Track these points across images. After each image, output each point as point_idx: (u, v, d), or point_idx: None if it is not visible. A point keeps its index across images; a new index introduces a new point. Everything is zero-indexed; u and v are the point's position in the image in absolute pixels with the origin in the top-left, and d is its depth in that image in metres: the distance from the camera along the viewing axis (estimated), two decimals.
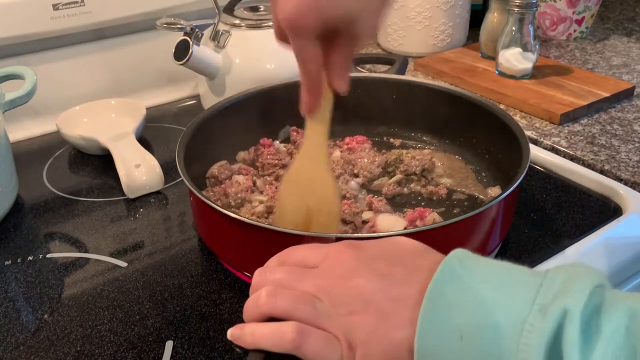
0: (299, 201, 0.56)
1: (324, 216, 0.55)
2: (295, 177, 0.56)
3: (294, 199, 0.56)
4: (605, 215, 0.68)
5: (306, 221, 0.55)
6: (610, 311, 0.34)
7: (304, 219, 0.55)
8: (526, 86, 0.96)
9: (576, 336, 0.32)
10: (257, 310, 0.43)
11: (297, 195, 0.56)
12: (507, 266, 0.38)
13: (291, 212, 0.56)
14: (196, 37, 0.81)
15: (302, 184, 0.56)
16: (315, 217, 0.55)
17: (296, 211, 0.56)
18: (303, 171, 0.55)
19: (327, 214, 0.55)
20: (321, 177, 0.55)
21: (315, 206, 0.55)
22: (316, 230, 0.55)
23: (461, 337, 0.35)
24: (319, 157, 0.54)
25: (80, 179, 0.81)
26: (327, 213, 0.55)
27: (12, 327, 0.56)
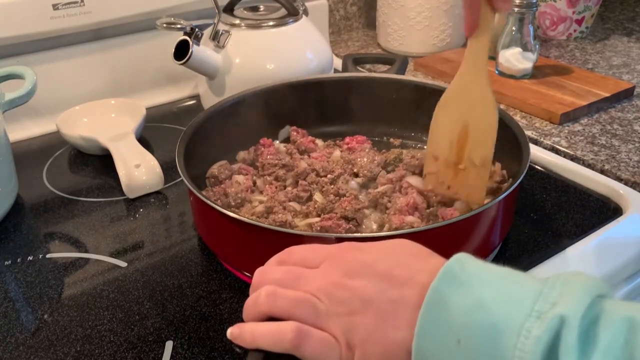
0: (456, 119, 0.59)
1: (482, 130, 0.58)
2: (453, 95, 0.59)
3: (452, 116, 0.59)
4: (605, 215, 0.68)
5: (462, 137, 0.59)
6: (608, 321, 0.33)
7: (460, 135, 0.59)
8: (526, 86, 0.96)
9: (573, 345, 0.32)
10: (256, 309, 0.43)
11: (455, 112, 0.59)
12: (508, 272, 0.38)
13: (447, 130, 0.59)
14: (196, 37, 0.81)
15: (461, 102, 0.58)
16: (473, 132, 0.58)
17: (453, 128, 0.59)
18: (462, 89, 0.58)
19: (487, 128, 0.58)
20: (481, 95, 0.57)
21: (474, 121, 0.58)
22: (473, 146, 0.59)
23: (458, 341, 0.35)
24: (478, 74, 0.57)
25: (80, 179, 0.81)
26: (487, 128, 0.58)
27: (12, 327, 0.56)
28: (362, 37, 1.27)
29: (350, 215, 0.63)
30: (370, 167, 0.71)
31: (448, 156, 0.61)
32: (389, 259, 0.42)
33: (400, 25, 1.12)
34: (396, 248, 0.44)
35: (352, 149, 0.77)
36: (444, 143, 0.61)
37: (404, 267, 0.41)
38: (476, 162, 0.60)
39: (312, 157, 0.76)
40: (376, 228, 0.63)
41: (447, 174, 0.62)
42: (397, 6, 1.11)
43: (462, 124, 0.59)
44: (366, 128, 0.81)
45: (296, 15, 0.88)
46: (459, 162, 0.60)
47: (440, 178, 0.62)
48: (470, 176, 0.60)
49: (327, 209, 0.65)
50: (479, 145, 0.59)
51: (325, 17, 1.19)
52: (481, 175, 0.61)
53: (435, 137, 0.62)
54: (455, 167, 0.60)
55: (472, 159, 0.60)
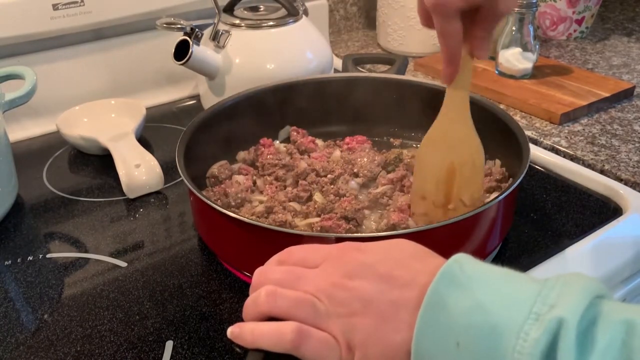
0: (441, 158, 0.59)
1: (469, 169, 0.58)
2: (438, 136, 0.59)
3: (436, 157, 0.59)
4: (605, 215, 0.68)
5: (449, 177, 0.59)
6: (606, 323, 0.33)
7: (446, 175, 0.59)
8: (526, 86, 0.96)
9: (571, 347, 0.32)
10: (256, 309, 0.43)
11: (439, 153, 0.59)
12: (507, 273, 0.38)
13: (433, 170, 0.59)
14: (196, 37, 0.81)
15: (445, 142, 0.58)
16: (459, 172, 0.58)
17: (439, 168, 0.59)
18: (445, 131, 0.58)
19: (472, 167, 0.58)
20: (465, 134, 0.58)
21: (459, 160, 0.58)
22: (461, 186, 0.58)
23: (457, 344, 0.35)
24: (461, 117, 0.58)
25: (80, 179, 0.81)
26: (472, 166, 0.58)
27: (12, 327, 0.56)
28: (362, 37, 1.27)
29: (350, 215, 0.63)
30: (370, 167, 0.71)
31: (436, 196, 0.60)
32: (389, 260, 0.42)
33: (400, 25, 1.12)
34: (396, 249, 0.44)
35: (352, 149, 0.77)
36: (430, 183, 0.60)
37: (404, 268, 0.41)
38: (466, 202, 0.59)
39: (312, 157, 0.76)
40: (376, 228, 0.63)
41: (437, 213, 0.61)
42: (397, 6, 1.11)
43: (448, 164, 0.59)
44: (366, 128, 0.81)
45: (296, 15, 0.88)
46: (447, 202, 0.60)
47: (430, 218, 0.61)
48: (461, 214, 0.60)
49: (327, 209, 0.65)
50: (467, 185, 0.59)
51: (325, 17, 1.19)
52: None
53: (422, 178, 0.61)
54: (445, 207, 0.60)
55: (462, 199, 0.59)
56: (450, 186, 0.59)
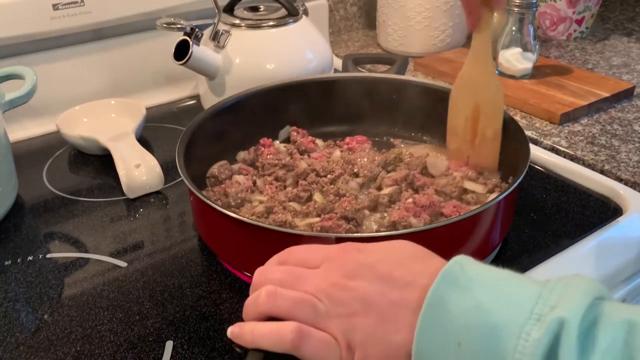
0: (468, 99, 0.69)
1: (490, 109, 0.68)
2: (465, 78, 0.69)
3: (465, 97, 0.69)
4: (605, 215, 0.68)
5: (474, 114, 0.69)
6: (607, 323, 0.33)
7: (472, 113, 0.69)
8: (526, 86, 0.96)
9: (572, 347, 0.32)
10: (256, 309, 0.43)
11: (467, 93, 0.69)
12: (508, 274, 0.38)
13: (462, 108, 0.70)
14: (196, 37, 0.81)
15: (471, 85, 0.68)
16: (483, 110, 0.68)
17: (467, 107, 0.69)
18: (471, 77, 0.68)
19: (493, 106, 0.67)
20: (488, 77, 0.67)
21: (483, 100, 0.68)
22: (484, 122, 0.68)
23: (458, 344, 0.35)
24: (484, 60, 0.67)
25: (80, 179, 0.81)
26: (493, 106, 0.67)
27: (12, 327, 0.56)
28: (362, 37, 1.27)
29: (350, 215, 0.63)
30: (370, 167, 0.71)
31: (464, 130, 0.70)
32: (389, 261, 0.42)
33: (400, 25, 1.12)
34: (397, 249, 0.44)
35: (352, 149, 0.77)
36: (460, 119, 0.70)
37: (405, 269, 0.41)
38: (489, 135, 0.68)
39: (312, 157, 0.76)
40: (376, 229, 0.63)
41: (466, 146, 0.71)
42: (397, 6, 1.11)
43: (474, 104, 0.68)
44: (366, 128, 0.81)
45: (296, 15, 0.88)
46: (474, 137, 0.70)
47: (460, 152, 0.72)
48: (485, 148, 0.69)
49: (327, 209, 0.64)
50: (489, 121, 0.68)
51: (325, 17, 1.19)
52: (494, 146, 0.69)
53: (454, 114, 0.71)
54: (472, 142, 0.70)
55: (485, 133, 0.68)
56: (476, 122, 0.69)
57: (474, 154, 0.71)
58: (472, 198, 0.67)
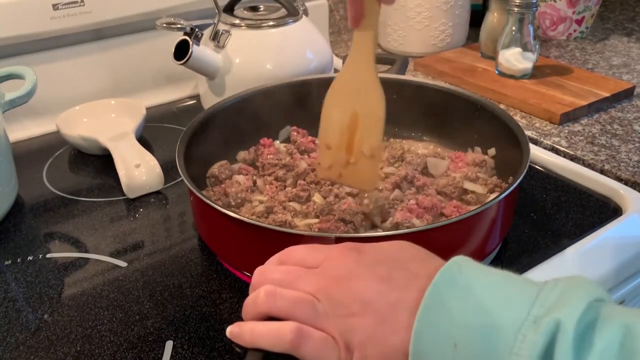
0: (345, 107, 0.59)
1: (371, 120, 0.58)
2: (343, 84, 0.59)
3: (341, 106, 0.60)
4: (605, 215, 0.68)
5: (352, 126, 0.59)
6: (604, 326, 0.33)
7: (350, 123, 0.59)
8: (526, 86, 0.96)
9: (568, 349, 0.32)
10: (256, 309, 0.43)
11: (343, 101, 0.59)
12: (506, 275, 0.38)
13: (337, 118, 0.60)
14: (196, 37, 0.81)
15: (349, 90, 0.59)
16: (362, 121, 0.59)
17: (343, 117, 0.59)
18: (350, 79, 0.59)
19: (375, 118, 0.58)
20: (369, 83, 0.58)
21: (362, 110, 0.58)
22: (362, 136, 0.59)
23: (455, 345, 0.35)
24: (366, 64, 0.58)
25: (80, 179, 0.81)
26: (375, 117, 0.58)
27: (12, 327, 0.56)
28: None
29: (348, 218, 0.63)
30: None
31: (339, 144, 0.60)
32: (388, 261, 0.42)
33: (400, 25, 1.12)
34: (396, 250, 0.44)
35: None
36: (334, 131, 0.60)
37: (404, 270, 0.41)
38: (365, 152, 0.60)
39: (312, 157, 0.76)
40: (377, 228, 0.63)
41: (340, 166, 0.62)
42: (397, 6, 1.11)
43: (351, 112, 0.59)
44: None
45: (296, 15, 0.88)
46: (349, 153, 0.60)
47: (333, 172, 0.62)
48: (361, 167, 0.60)
49: (327, 210, 0.64)
50: (367, 135, 0.59)
51: (325, 17, 1.19)
52: (371, 165, 0.60)
53: (327, 125, 0.61)
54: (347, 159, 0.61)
55: (362, 149, 0.60)
56: (353, 134, 0.59)
57: (347, 173, 0.62)
58: (472, 198, 0.67)
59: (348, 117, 0.59)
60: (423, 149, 0.78)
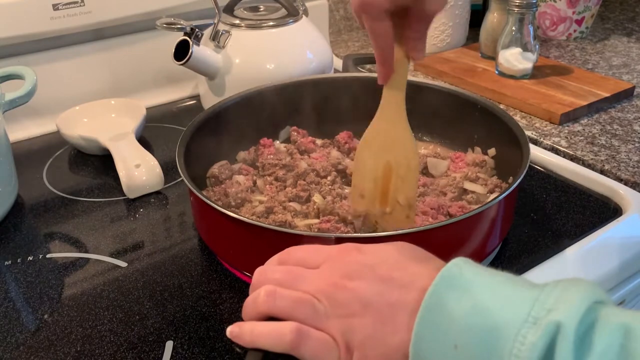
0: (378, 157, 0.60)
1: (404, 169, 0.59)
2: (374, 137, 0.60)
3: (374, 155, 0.60)
4: (605, 215, 0.68)
5: (385, 175, 0.60)
6: (604, 328, 0.33)
7: (383, 173, 0.60)
8: (526, 86, 0.96)
9: (568, 351, 0.32)
10: (255, 309, 0.43)
11: (376, 152, 0.60)
12: (506, 277, 0.38)
13: (371, 168, 0.60)
14: (196, 37, 0.81)
15: (382, 143, 0.59)
16: (395, 170, 0.59)
17: (376, 166, 0.60)
18: (382, 132, 0.59)
19: (407, 167, 0.59)
20: (402, 135, 0.59)
21: (395, 160, 0.59)
22: (397, 186, 0.59)
23: (455, 346, 0.35)
24: (397, 118, 0.58)
25: (80, 179, 0.81)
26: (407, 166, 0.59)
27: (12, 327, 0.56)
28: (362, 37, 1.27)
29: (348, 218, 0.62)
30: None
31: (373, 193, 0.61)
32: (389, 262, 0.42)
33: None
34: (396, 251, 0.44)
35: (353, 148, 0.77)
36: (368, 181, 0.61)
37: (404, 270, 0.41)
38: (400, 201, 0.60)
39: (313, 157, 0.76)
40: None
41: (375, 212, 0.62)
42: None
43: (385, 162, 0.59)
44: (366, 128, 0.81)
45: (296, 15, 0.88)
46: (384, 202, 0.61)
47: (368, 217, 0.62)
48: (397, 216, 0.60)
49: (327, 210, 0.64)
50: (402, 185, 0.59)
51: (325, 17, 1.19)
52: (407, 214, 0.60)
53: (360, 175, 0.61)
54: (382, 207, 0.61)
55: (397, 198, 0.60)
56: (387, 184, 0.60)
57: (384, 222, 0.61)
58: (472, 198, 0.67)
59: (381, 166, 0.59)
60: (423, 149, 0.78)
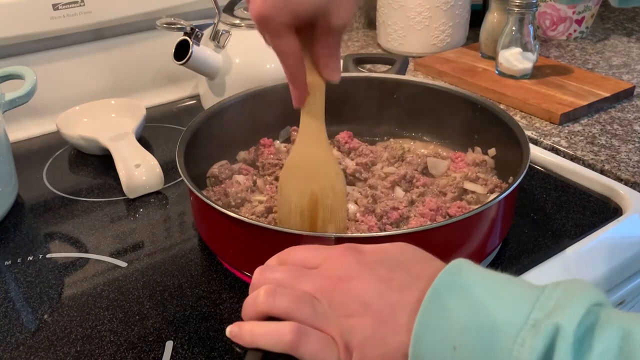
0: (302, 188, 0.55)
1: (331, 198, 0.55)
2: (295, 165, 0.56)
3: (297, 187, 0.56)
4: (605, 215, 0.68)
5: (312, 206, 0.55)
6: (603, 330, 0.33)
7: (309, 204, 0.55)
8: (526, 86, 0.96)
9: (567, 354, 0.32)
10: (255, 308, 0.43)
11: (299, 182, 0.56)
12: (506, 278, 0.38)
13: (295, 200, 0.56)
14: (196, 37, 0.81)
15: (303, 171, 0.55)
16: (322, 201, 0.55)
17: (301, 197, 0.55)
18: (302, 159, 0.55)
19: (334, 195, 0.55)
20: (323, 160, 0.55)
21: (320, 188, 0.55)
22: (325, 217, 0.55)
23: (454, 348, 0.35)
24: (317, 142, 0.54)
25: (80, 179, 0.81)
26: (333, 195, 0.55)
27: (12, 327, 0.56)
28: (362, 37, 1.27)
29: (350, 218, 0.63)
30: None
31: (301, 228, 0.56)
32: (389, 262, 0.42)
33: (400, 25, 1.12)
34: (396, 251, 0.44)
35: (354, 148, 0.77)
36: (295, 214, 0.56)
37: (404, 271, 0.41)
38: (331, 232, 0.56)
39: None
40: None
41: None
42: (397, 6, 1.11)
43: (310, 193, 0.55)
44: (366, 128, 0.81)
45: None
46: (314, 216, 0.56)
47: None
48: None
49: None
50: (330, 215, 0.56)
51: None
52: None
53: (286, 209, 0.57)
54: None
55: (327, 230, 0.56)
56: (315, 216, 0.56)
57: None
58: (472, 198, 0.67)
59: (307, 197, 0.55)
60: (423, 149, 0.78)
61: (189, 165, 0.62)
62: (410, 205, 0.65)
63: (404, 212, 0.63)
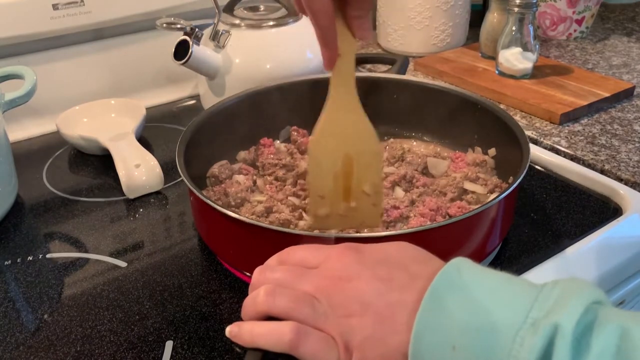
0: (335, 152, 0.55)
1: (368, 156, 0.55)
2: (326, 127, 0.54)
3: (329, 152, 0.55)
4: (605, 215, 0.68)
5: (346, 169, 0.55)
6: (601, 329, 0.34)
7: (343, 168, 0.55)
8: (526, 86, 0.96)
9: (566, 353, 0.32)
10: (255, 308, 0.43)
11: (330, 145, 0.55)
12: (505, 277, 0.38)
13: (328, 164, 0.55)
14: (196, 37, 0.81)
15: (336, 134, 0.54)
16: (357, 160, 0.55)
17: (333, 163, 0.55)
18: (333, 124, 0.54)
19: (371, 153, 0.55)
20: (358, 121, 0.54)
21: (355, 150, 0.54)
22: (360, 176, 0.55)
23: (454, 347, 0.36)
24: (350, 105, 0.54)
25: (80, 179, 0.81)
26: (370, 152, 0.55)
27: (12, 327, 0.56)
28: None
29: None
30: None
31: (335, 191, 0.56)
32: (389, 262, 0.42)
33: (400, 25, 1.12)
34: (396, 251, 0.44)
35: None
36: (327, 179, 0.55)
37: (404, 271, 0.41)
38: (367, 190, 0.56)
39: None
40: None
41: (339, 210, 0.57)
42: (397, 6, 1.11)
43: (343, 155, 0.55)
44: None
45: (296, 15, 0.88)
46: (348, 198, 0.56)
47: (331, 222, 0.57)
48: (364, 206, 0.56)
49: None
50: (366, 173, 0.55)
51: None
52: (374, 202, 0.56)
53: (317, 174, 0.56)
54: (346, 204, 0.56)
55: (363, 189, 0.56)
56: (349, 179, 0.55)
57: (351, 218, 0.57)
58: (472, 198, 0.67)
59: (340, 161, 0.55)
60: (423, 149, 0.78)
61: (189, 165, 0.62)
62: (410, 205, 0.65)
63: (404, 212, 0.64)
